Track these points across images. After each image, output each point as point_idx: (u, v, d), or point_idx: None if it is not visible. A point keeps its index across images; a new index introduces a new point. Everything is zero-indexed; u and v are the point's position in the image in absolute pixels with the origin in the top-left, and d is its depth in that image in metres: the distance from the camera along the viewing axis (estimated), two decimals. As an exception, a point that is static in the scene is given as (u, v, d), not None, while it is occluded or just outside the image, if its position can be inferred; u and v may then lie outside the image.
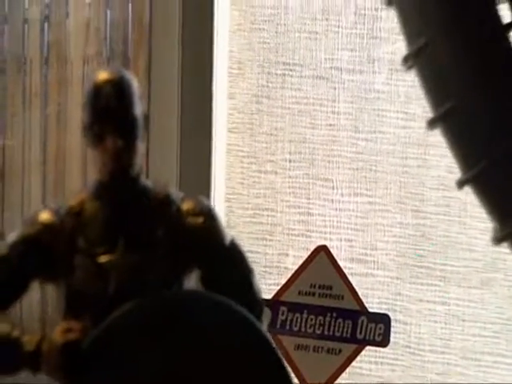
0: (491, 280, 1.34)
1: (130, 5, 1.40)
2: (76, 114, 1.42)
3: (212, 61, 1.38)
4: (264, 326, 0.66)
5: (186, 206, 0.67)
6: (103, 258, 0.65)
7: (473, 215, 1.35)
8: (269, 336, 0.66)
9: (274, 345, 0.66)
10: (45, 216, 0.66)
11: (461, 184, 0.62)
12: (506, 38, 0.60)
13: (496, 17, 0.59)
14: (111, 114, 0.64)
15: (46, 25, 1.41)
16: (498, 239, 0.61)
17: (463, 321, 1.36)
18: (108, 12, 1.41)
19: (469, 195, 1.38)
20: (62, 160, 1.42)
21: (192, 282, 0.67)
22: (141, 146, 0.66)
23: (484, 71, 0.59)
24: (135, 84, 0.66)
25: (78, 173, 1.40)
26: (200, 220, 0.66)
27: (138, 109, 0.66)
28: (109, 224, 0.65)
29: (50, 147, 1.41)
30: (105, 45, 1.40)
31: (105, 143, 0.64)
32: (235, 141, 1.41)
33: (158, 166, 1.38)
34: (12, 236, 0.67)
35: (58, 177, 1.41)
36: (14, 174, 1.45)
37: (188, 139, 1.38)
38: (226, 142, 1.42)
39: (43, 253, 0.66)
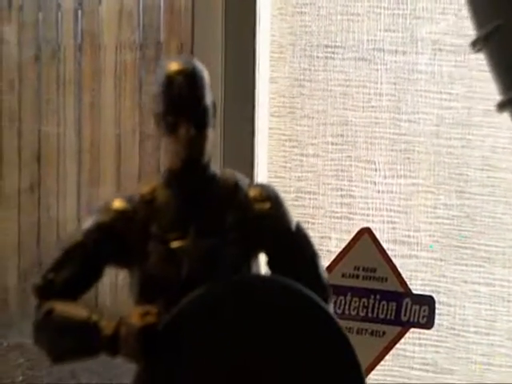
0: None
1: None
2: (110, 101, 1.43)
3: (254, 45, 1.39)
4: (331, 310, 0.67)
5: (252, 192, 0.68)
6: (175, 244, 0.66)
7: (518, 196, 1.34)
8: (338, 320, 0.67)
9: (344, 329, 0.67)
10: (118, 203, 0.68)
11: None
12: None
13: None
14: (184, 104, 0.65)
15: (79, 12, 1.42)
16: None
17: (508, 302, 1.35)
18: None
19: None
20: (97, 147, 1.43)
21: (259, 266, 0.68)
22: (211, 135, 0.67)
23: None
24: (206, 74, 0.67)
25: (112, 160, 1.41)
26: (267, 206, 0.68)
27: (209, 98, 0.67)
28: (180, 211, 0.66)
29: (84, 134, 1.43)
30: (138, 31, 1.41)
31: (178, 132, 0.65)
32: (277, 124, 1.42)
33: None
34: (86, 223, 0.69)
35: (93, 164, 1.43)
36: (49, 159, 1.47)
37: (231, 123, 1.39)
38: (268, 126, 1.42)
39: (117, 239, 0.67)
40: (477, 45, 0.62)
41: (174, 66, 0.66)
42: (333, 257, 1.10)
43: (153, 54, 1.38)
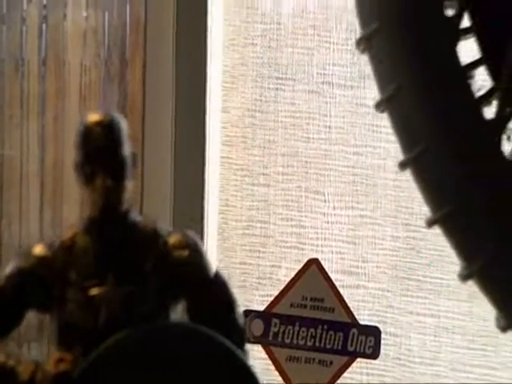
0: (480, 293, 1.35)
1: (127, 7, 1.42)
2: (74, 118, 1.43)
3: (206, 75, 1.40)
4: (247, 355, 0.69)
5: (172, 239, 0.70)
6: (93, 291, 0.67)
7: (462, 229, 1.37)
8: (252, 366, 0.68)
9: (258, 376, 0.68)
10: (38, 249, 0.69)
11: (430, 224, 0.65)
12: (467, 81, 0.62)
13: (457, 61, 0.62)
14: (100, 155, 0.67)
15: (43, 26, 1.42)
16: (465, 276, 0.64)
17: (453, 333, 1.37)
18: (106, 14, 1.43)
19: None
20: (60, 168, 1.42)
21: (178, 313, 0.69)
22: (129, 184, 0.68)
23: (449, 117, 0.61)
24: (124, 125, 0.69)
25: (76, 179, 1.41)
26: (185, 253, 0.69)
27: (127, 149, 0.68)
28: (99, 258, 0.68)
29: (47, 152, 1.42)
30: (102, 47, 1.41)
31: (95, 182, 0.67)
32: (229, 154, 1.43)
33: (152, 179, 1.40)
34: (7, 268, 0.70)
35: (57, 184, 1.42)
36: (11, 179, 1.46)
37: (182, 152, 1.40)
38: (220, 155, 1.43)
39: (37, 285, 0.68)
40: (380, 106, 0.65)
41: (92, 118, 0.68)
42: (282, 286, 1.12)
43: (118, 71, 1.39)
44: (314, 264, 1.13)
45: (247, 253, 1.41)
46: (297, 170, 1.41)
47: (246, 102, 1.43)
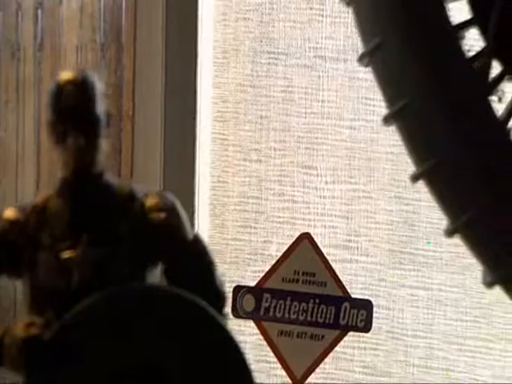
0: (472, 265, 1.35)
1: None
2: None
3: (197, 50, 1.39)
4: (226, 319, 0.68)
5: (149, 201, 0.68)
6: (66, 254, 0.66)
7: (455, 201, 1.36)
8: (231, 331, 0.67)
9: (237, 340, 0.67)
10: (9, 213, 0.68)
11: (414, 178, 0.64)
12: (457, 38, 0.61)
13: (446, 18, 0.61)
14: (72, 113, 0.66)
15: (39, 12, 1.41)
16: (450, 232, 0.63)
17: (445, 305, 1.37)
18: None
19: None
20: (56, 151, 1.42)
21: (156, 276, 0.68)
22: (103, 144, 0.67)
23: (435, 72, 0.60)
24: (98, 83, 0.68)
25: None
26: (162, 215, 0.68)
27: (101, 107, 0.67)
28: (72, 220, 0.67)
29: (43, 136, 1.42)
30: (98, 31, 1.40)
31: (66, 142, 0.66)
32: (220, 129, 1.42)
33: (142, 156, 1.39)
34: None
35: (52, 166, 1.42)
36: (7, 163, 1.45)
37: (173, 128, 1.39)
38: (211, 131, 1.42)
39: (8, 249, 0.67)
40: (363, 59, 0.64)
41: (64, 76, 0.67)
42: (274, 262, 1.11)
43: (114, 55, 1.38)
44: (305, 238, 1.12)
45: (239, 228, 1.41)
46: (289, 144, 1.41)
47: (237, 77, 1.42)
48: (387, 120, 0.64)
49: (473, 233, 0.62)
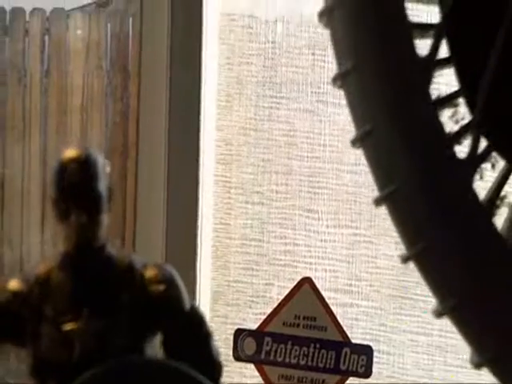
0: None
1: (130, 19, 1.43)
2: (76, 128, 1.43)
3: (200, 94, 1.41)
4: None
5: (148, 273, 0.70)
6: (68, 326, 0.67)
7: (455, 247, 1.37)
8: None
9: None
10: (13, 284, 0.69)
11: (404, 260, 0.65)
12: (437, 118, 0.63)
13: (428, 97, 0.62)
14: (75, 191, 0.68)
15: (46, 38, 1.42)
16: (438, 314, 0.64)
17: (446, 352, 1.37)
18: (108, 26, 1.43)
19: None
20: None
21: (155, 347, 0.69)
22: (105, 219, 0.69)
23: (422, 162, 0.62)
24: (100, 161, 0.69)
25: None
26: (161, 287, 0.69)
27: (102, 185, 0.69)
28: (73, 293, 0.68)
29: (49, 164, 1.42)
30: (105, 58, 1.42)
31: (69, 219, 0.67)
32: (223, 172, 1.43)
33: (145, 197, 1.40)
34: None
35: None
36: (13, 190, 1.45)
37: (176, 170, 1.40)
38: (214, 173, 1.43)
39: (11, 319, 0.68)
40: (356, 143, 0.65)
41: (67, 154, 0.69)
42: (275, 304, 1.12)
43: (120, 81, 1.39)
44: (306, 283, 1.13)
45: (241, 271, 1.41)
46: (291, 188, 1.41)
47: (240, 121, 1.43)
48: (378, 202, 0.65)
49: (460, 316, 0.63)
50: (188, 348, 0.69)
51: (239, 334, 1.11)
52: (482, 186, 0.65)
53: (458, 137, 0.63)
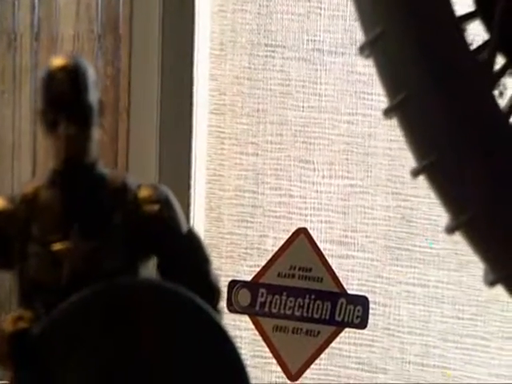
0: (470, 262, 1.35)
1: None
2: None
3: (193, 42, 1.38)
4: (220, 315, 0.66)
5: (142, 193, 0.67)
6: (56, 246, 0.64)
7: (453, 198, 1.36)
8: (224, 325, 0.66)
9: (230, 333, 0.66)
10: None
11: (415, 173, 0.63)
12: (460, 29, 0.60)
13: (450, 9, 0.60)
14: (63, 101, 0.64)
15: (36, 1, 1.40)
16: (451, 229, 0.62)
17: (442, 303, 1.36)
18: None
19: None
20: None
21: (149, 269, 0.67)
22: (96, 133, 0.66)
23: (437, 63, 0.59)
24: (91, 71, 0.66)
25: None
26: (156, 208, 0.66)
27: (93, 96, 0.65)
28: (63, 211, 0.65)
29: (39, 126, 1.41)
30: (96, 21, 1.40)
31: (58, 130, 0.64)
32: (216, 122, 1.41)
33: (137, 149, 1.38)
34: None
35: (48, 158, 1.41)
36: (3, 153, 1.44)
37: (168, 121, 1.38)
38: (208, 124, 1.41)
39: None
40: (364, 50, 0.63)
41: (55, 62, 0.65)
42: (270, 256, 1.10)
43: (111, 45, 1.37)
44: (302, 233, 1.11)
45: (235, 223, 1.40)
46: (286, 138, 1.39)
47: (234, 70, 1.41)
48: (387, 113, 0.62)
49: (474, 231, 0.61)
50: (184, 271, 0.66)
51: (233, 285, 1.10)
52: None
53: (476, 52, 0.61)
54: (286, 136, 1.40)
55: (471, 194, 0.60)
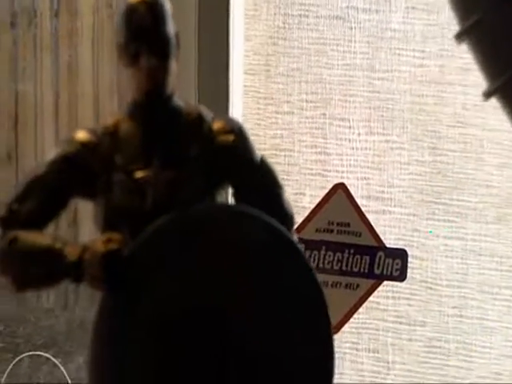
0: (507, 215, 1.35)
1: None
2: (87, 65, 1.43)
3: (228, 3, 1.38)
4: (295, 238, 0.68)
5: (216, 124, 0.68)
6: (139, 174, 0.66)
7: (489, 151, 1.36)
8: (300, 246, 0.67)
9: (305, 254, 0.68)
10: (82, 135, 0.68)
11: (487, 94, 0.63)
12: None
13: None
14: (145, 33, 0.66)
15: None
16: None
17: (479, 255, 1.37)
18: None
19: (485, 132, 1.39)
20: (75, 108, 1.43)
21: (225, 198, 0.69)
22: (174, 66, 0.67)
23: None
24: (168, 4, 0.68)
25: (91, 122, 1.41)
26: (231, 138, 0.68)
27: (172, 29, 0.67)
28: (144, 142, 0.67)
29: (62, 97, 1.42)
30: None
31: (139, 62, 0.66)
32: (252, 82, 1.42)
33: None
34: (50, 155, 0.69)
35: (71, 126, 1.43)
36: (27, 123, 1.46)
37: (205, 81, 1.39)
38: (243, 84, 1.42)
39: (81, 170, 0.68)
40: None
41: None
42: (307, 213, 1.12)
43: None
44: (340, 188, 1.12)
45: (272, 180, 1.41)
46: (321, 96, 1.40)
47: (268, 30, 1.41)
48: (459, 37, 0.63)
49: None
50: (260, 198, 0.68)
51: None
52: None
53: None
54: (321, 94, 1.40)
55: (509, 58, 0.60)
